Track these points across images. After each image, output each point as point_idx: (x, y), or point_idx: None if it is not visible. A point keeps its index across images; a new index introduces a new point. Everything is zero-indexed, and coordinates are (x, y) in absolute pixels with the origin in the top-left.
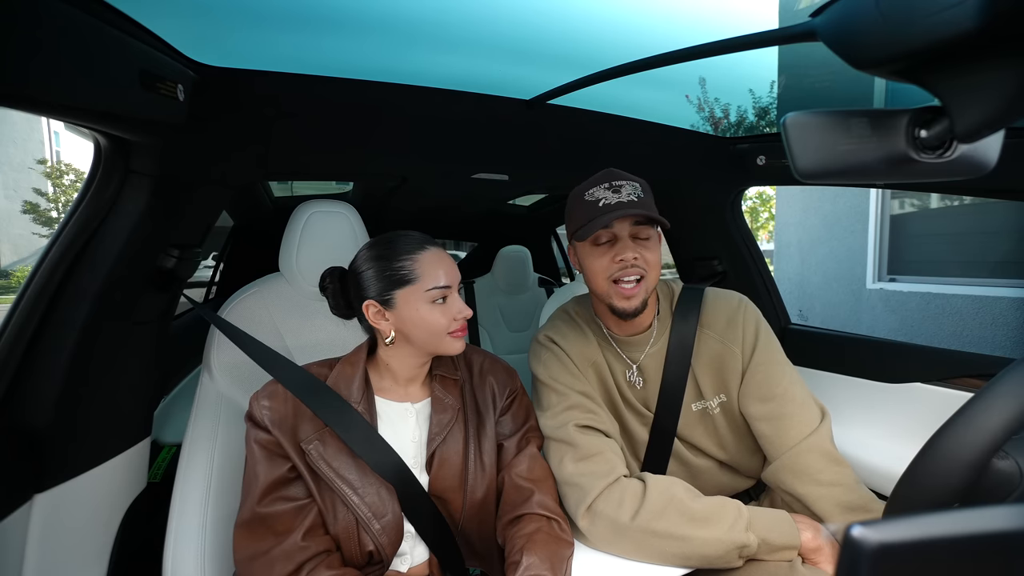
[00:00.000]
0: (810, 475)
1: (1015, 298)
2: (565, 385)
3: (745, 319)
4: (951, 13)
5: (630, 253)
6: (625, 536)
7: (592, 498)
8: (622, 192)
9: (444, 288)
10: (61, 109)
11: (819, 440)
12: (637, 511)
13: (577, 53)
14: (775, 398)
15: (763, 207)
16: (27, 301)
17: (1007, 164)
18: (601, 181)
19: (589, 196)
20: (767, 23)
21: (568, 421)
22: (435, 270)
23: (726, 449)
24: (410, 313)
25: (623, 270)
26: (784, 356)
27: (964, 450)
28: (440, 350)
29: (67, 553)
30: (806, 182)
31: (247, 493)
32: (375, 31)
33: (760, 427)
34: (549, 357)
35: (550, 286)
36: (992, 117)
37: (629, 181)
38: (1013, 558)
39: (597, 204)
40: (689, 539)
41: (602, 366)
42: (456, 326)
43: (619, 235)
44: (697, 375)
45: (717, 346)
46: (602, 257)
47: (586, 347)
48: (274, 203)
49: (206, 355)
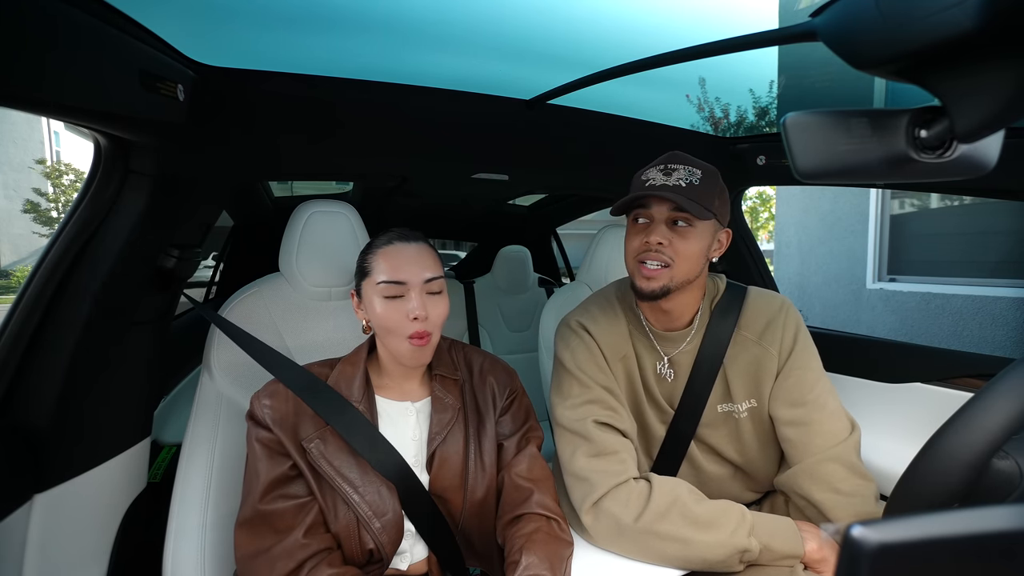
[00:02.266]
0: (830, 483)
1: (1015, 298)
2: (590, 377)
3: (786, 322)
4: (951, 13)
5: (655, 237)
6: (627, 536)
7: (599, 495)
8: (672, 175)
9: (393, 284)
10: (61, 109)
11: (845, 451)
12: (641, 513)
13: (577, 53)
14: (806, 404)
15: (763, 207)
16: (27, 301)
17: (1007, 164)
18: (660, 162)
19: (643, 175)
20: (767, 23)
21: (588, 416)
22: (390, 263)
23: (745, 455)
24: (368, 306)
25: (647, 253)
26: (820, 366)
27: (964, 450)
28: (398, 353)
29: (67, 553)
30: (806, 182)
31: (248, 491)
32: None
33: (786, 432)
34: (578, 344)
35: (550, 286)
36: (992, 117)
37: (687, 166)
38: (1013, 558)
39: (644, 183)
40: (691, 542)
41: (631, 359)
42: (410, 329)
43: (656, 217)
44: (729, 377)
45: (755, 349)
46: (635, 237)
47: (617, 336)
48: (274, 203)
49: (206, 355)
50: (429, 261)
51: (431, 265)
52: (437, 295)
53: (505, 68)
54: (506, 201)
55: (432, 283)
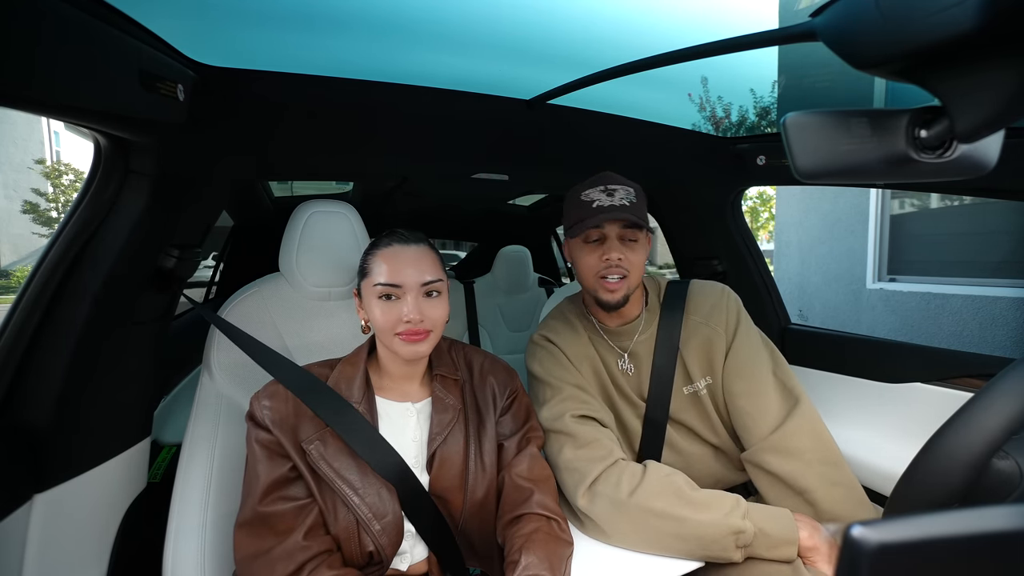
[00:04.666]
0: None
1: (1015, 298)
2: (559, 379)
3: (728, 304)
4: (951, 13)
5: (615, 253)
6: (622, 512)
7: (591, 480)
8: (615, 196)
9: (389, 286)
10: (61, 109)
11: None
12: (635, 489)
13: (577, 53)
14: (755, 376)
15: (763, 207)
16: (27, 301)
17: (1007, 164)
18: (597, 183)
19: (585, 196)
20: (767, 23)
21: (564, 412)
22: (388, 267)
23: (717, 433)
24: (367, 305)
25: (608, 268)
26: (759, 341)
27: (964, 450)
28: (394, 350)
29: (67, 553)
30: (806, 182)
31: (248, 493)
32: (375, 31)
33: (740, 403)
34: (544, 354)
35: (550, 286)
36: (992, 117)
37: (623, 186)
38: (1013, 558)
39: (591, 205)
40: (685, 520)
41: (595, 359)
42: (403, 328)
43: (608, 235)
44: (686, 359)
45: (704, 329)
46: (591, 254)
47: (578, 343)
48: (274, 203)
49: (206, 355)
50: (428, 264)
51: (430, 268)
52: (436, 297)
53: (505, 68)
54: (506, 201)
55: (429, 286)
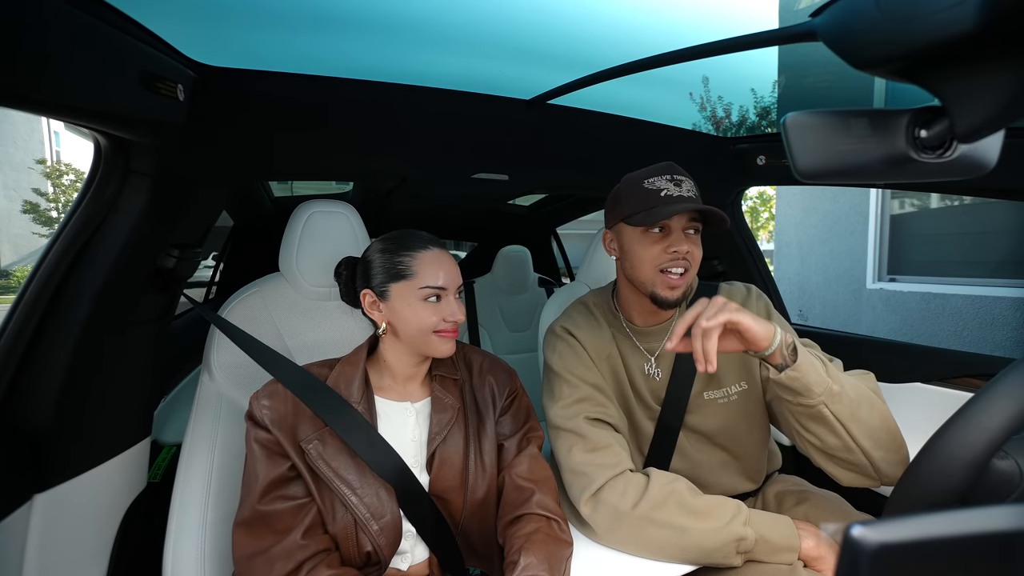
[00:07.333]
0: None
1: (1015, 298)
2: (578, 377)
3: (758, 303)
4: (951, 12)
5: (684, 246)
6: (624, 523)
7: (597, 486)
8: (683, 187)
9: (439, 289)
10: (61, 109)
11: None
12: (638, 501)
13: (577, 53)
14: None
15: (763, 207)
16: (27, 301)
17: (1007, 164)
18: (663, 172)
19: (650, 184)
20: (767, 23)
21: (579, 413)
22: (433, 270)
23: (734, 438)
24: (402, 308)
25: (674, 261)
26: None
27: (964, 450)
28: (427, 349)
29: (67, 553)
30: (806, 182)
31: (247, 492)
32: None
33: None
34: (564, 348)
35: (550, 286)
36: (992, 117)
37: (687, 178)
38: (1013, 558)
39: (659, 193)
40: (687, 530)
41: (616, 359)
42: (445, 326)
43: (674, 227)
44: None
45: None
46: (654, 246)
47: (600, 339)
48: (274, 203)
49: (206, 355)
50: (456, 267)
51: (458, 270)
52: (458, 296)
53: (505, 68)
54: (506, 201)
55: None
